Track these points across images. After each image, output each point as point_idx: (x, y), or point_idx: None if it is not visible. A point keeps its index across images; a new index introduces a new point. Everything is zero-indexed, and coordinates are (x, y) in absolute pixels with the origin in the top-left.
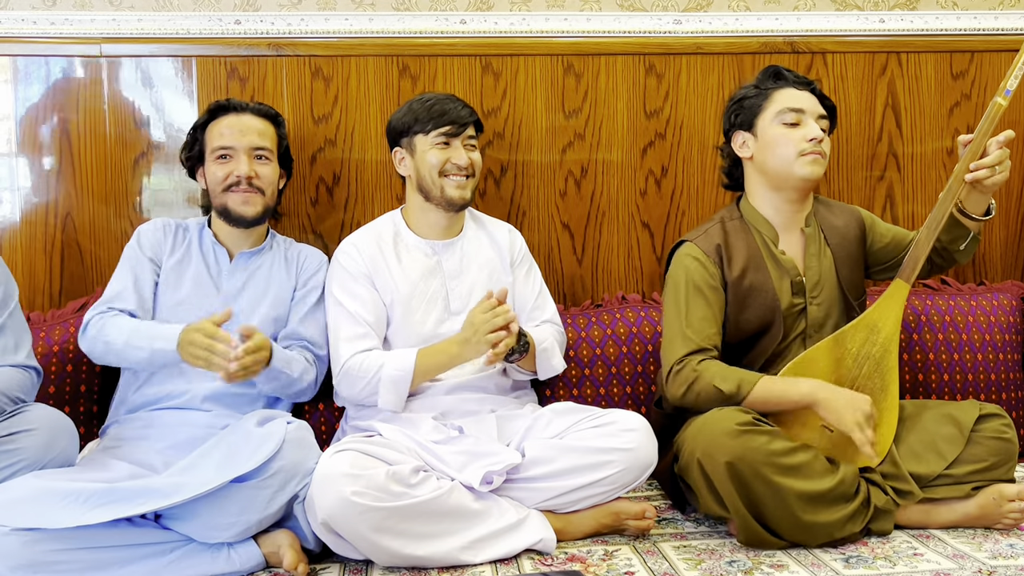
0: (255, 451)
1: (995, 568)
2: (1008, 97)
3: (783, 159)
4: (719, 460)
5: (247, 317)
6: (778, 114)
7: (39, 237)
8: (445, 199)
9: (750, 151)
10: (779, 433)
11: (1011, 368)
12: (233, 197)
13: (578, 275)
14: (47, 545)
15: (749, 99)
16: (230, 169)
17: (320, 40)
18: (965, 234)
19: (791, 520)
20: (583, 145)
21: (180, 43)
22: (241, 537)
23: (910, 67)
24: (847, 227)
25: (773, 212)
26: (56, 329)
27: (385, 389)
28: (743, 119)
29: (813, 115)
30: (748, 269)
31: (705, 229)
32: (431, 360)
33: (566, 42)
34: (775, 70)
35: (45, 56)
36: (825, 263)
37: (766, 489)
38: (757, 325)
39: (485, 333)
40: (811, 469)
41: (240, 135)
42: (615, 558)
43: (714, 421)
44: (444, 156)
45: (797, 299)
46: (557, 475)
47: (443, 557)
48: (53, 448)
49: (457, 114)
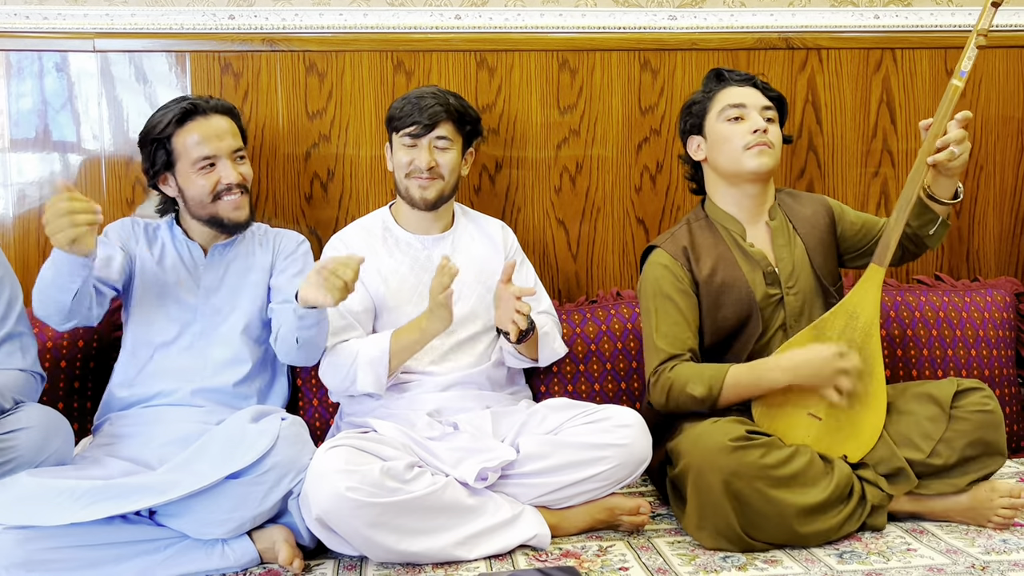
0: (250, 447)
1: (988, 563)
2: (964, 78)
3: (731, 154)
4: (715, 478)
5: (230, 308)
6: (721, 112)
7: (32, 233)
8: (410, 199)
9: (703, 153)
10: (773, 443)
11: (1005, 364)
12: (224, 205)
13: (573, 271)
14: (41, 543)
15: (697, 104)
16: (216, 178)
17: (314, 35)
18: (934, 219)
19: (789, 533)
20: (578, 141)
21: (173, 38)
22: (235, 533)
23: (905, 63)
24: (815, 216)
25: (736, 208)
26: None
27: (363, 371)
28: (692, 123)
29: (756, 108)
30: (718, 267)
31: (672, 232)
32: (405, 338)
33: (561, 38)
34: (716, 72)
35: (38, 51)
36: (797, 252)
37: (764, 504)
38: (735, 321)
39: (436, 294)
40: (807, 476)
41: (218, 140)
42: (609, 554)
43: (708, 435)
44: (409, 157)
45: (772, 290)
46: (552, 471)
47: (438, 553)
48: (48, 446)
49: (422, 114)
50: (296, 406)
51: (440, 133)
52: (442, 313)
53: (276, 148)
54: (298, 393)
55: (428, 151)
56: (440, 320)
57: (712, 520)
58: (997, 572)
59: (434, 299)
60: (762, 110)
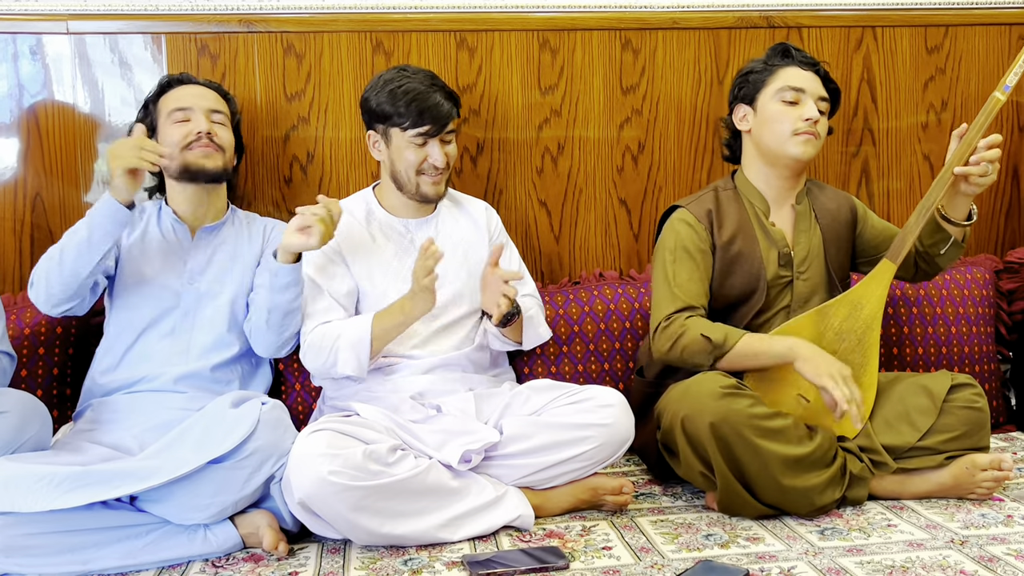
0: (230, 432)
1: (967, 538)
2: (1007, 92)
3: (777, 136)
4: (703, 421)
5: (215, 292)
6: (779, 91)
7: (8, 218)
8: (419, 194)
9: (749, 125)
10: (760, 399)
11: (984, 341)
12: (194, 152)
13: (555, 252)
14: (21, 529)
15: (755, 74)
16: (189, 128)
17: (292, 16)
18: (946, 238)
19: (772, 484)
20: (559, 122)
21: (149, 19)
22: (218, 518)
23: (885, 41)
24: (839, 210)
25: (765, 186)
26: (27, 311)
27: (344, 353)
28: (746, 92)
29: (813, 96)
30: (737, 236)
31: (698, 196)
32: (387, 321)
33: (541, 17)
34: (784, 47)
35: (11, 34)
36: (814, 240)
37: (747, 451)
38: (740, 292)
39: (421, 278)
40: (790, 434)
41: (196, 98)
42: (593, 533)
43: (698, 384)
44: (421, 155)
45: (784, 271)
46: (535, 451)
47: (421, 535)
48: (25, 432)
49: (438, 112)
50: (279, 391)
51: (449, 127)
52: (425, 296)
53: (254, 131)
54: (280, 378)
55: (441, 148)
56: (423, 303)
57: (700, 462)
58: (976, 546)
59: (418, 282)
60: (819, 100)
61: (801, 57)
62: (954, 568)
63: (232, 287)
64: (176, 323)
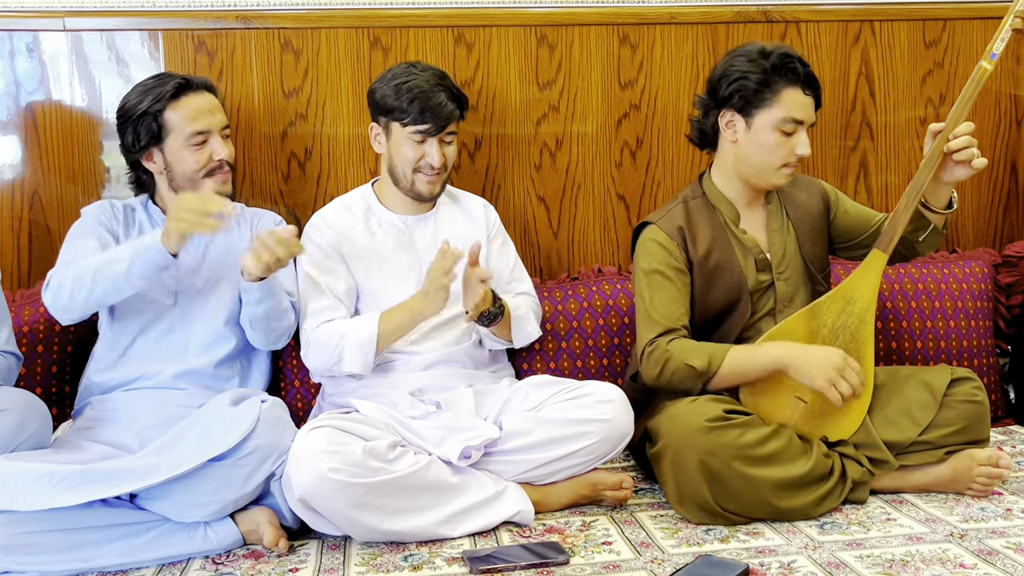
0: (230, 430)
1: (966, 531)
2: (994, 61)
3: (766, 163)
4: (691, 458)
5: (211, 289)
6: (780, 121)
7: (5, 216)
8: (414, 192)
9: (735, 136)
10: (751, 423)
11: (983, 335)
12: (214, 180)
13: (554, 248)
14: (21, 527)
15: (753, 87)
16: (208, 153)
17: (289, 12)
18: (926, 225)
19: (769, 508)
20: (557, 117)
21: (145, 16)
22: (218, 516)
23: (883, 36)
24: (810, 200)
25: (736, 194)
26: (25, 309)
27: (350, 353)
28: (741, 103)
29: (807, 125)
30: (713, 249)
31: (668, 209)
32: (394, 319)
33: (539, 12)
34: (788, 62)
35: (8, 31)
36: (789, 238)
37: (740, 482)
38: (724, 303)
39: (438, 277)
40: (785, 455)
41: (211, 115)
42: (593, 528)
43: (686, 415)
44: (419, 153)
45: (763, 276)
46: (534, 447)
47: (422, 531)
48: (25, 430)
49: (440, 112)
50: (278, 388)
51: (450, 128)
52: (439, 296)
53: (252, 127)
54: (280, 374)
55: (439, 148)
56: (435, 303)
57: (691, 497)
58: (975, 540)
59: (435, 282)
60: (810, 128)
61: (805, 75)
62: (953, 561)
63: (227, 282)
64: (174, 321)
